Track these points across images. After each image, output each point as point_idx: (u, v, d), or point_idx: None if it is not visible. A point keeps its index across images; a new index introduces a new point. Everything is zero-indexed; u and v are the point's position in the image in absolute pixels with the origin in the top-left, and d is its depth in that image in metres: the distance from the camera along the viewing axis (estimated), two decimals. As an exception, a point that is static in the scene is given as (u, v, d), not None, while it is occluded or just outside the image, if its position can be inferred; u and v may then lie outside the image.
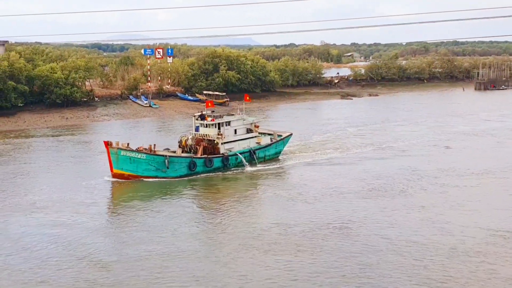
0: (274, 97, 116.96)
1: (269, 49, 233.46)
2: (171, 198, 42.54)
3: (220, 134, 52.34)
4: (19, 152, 60.60)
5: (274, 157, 56.73)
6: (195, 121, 53.77)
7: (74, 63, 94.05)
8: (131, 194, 43.71)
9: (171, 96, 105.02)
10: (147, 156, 47.46)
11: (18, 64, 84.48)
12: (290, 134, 59.92)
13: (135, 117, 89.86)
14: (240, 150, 53.48)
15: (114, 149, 46.92)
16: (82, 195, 43.21)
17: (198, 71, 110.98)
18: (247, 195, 43.63)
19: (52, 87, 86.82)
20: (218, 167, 51.20)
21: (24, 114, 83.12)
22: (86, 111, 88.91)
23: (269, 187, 46.04)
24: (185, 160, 49.18)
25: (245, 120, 55.51)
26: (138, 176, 47.39)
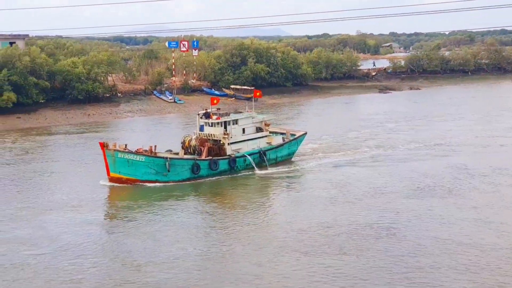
0: (306, 91, 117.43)
1: (300, 40, 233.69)
2: (182, 201, 42.88)
3: (227, 134, 51.08)
4: (43, 149, 63.08)
5: (287, 159, 55.56)
6: (199, 120, 52.77)
7: (96, 57, 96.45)
8: (142, 197, 43.94)
9: (196, 91, 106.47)
10: (146, 158, 46.60)
11: (39, 59, 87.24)
12: (304, 133, 58.78)
13: (159, 113, 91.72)
14: (248, 151, 52.29)
15: (110, 151, 46.32)
16: (100, 195, 45.11)
17: (225, 64, 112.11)
18: (271, 197, 44.42)
19: (74, 82, 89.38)
20: (224, 170, 50.17)
21: (46, 110, 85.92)
22: (109, 107, 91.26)
23: (296, 189, 46.42)
24: (188, 162, 48.20)
25: (254, 118, 54.15)
26: (136, 180, 46.77)
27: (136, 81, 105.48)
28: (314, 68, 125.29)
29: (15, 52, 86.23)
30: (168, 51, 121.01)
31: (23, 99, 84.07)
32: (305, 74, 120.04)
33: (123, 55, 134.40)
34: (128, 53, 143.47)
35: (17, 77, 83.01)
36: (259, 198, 44.41)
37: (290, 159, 55.84)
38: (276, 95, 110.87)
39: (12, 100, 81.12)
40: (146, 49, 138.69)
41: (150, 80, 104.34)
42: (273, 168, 52.60)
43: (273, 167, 52.92)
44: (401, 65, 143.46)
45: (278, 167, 53.01)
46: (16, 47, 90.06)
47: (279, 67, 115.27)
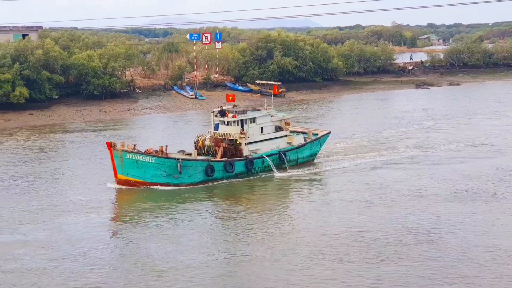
0: (337, 86, 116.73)
1: (331, 32, 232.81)
2: (197, 205, 42.57)
3: (244, 133, 50.48)
4: (58, 148, 63.24)
5: (309, 160, 54.97)
6: (214, 118, 52.35)
7: (113, 50, 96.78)
8: (153, 201, 43.66)
9: (219, 86, 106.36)
10: (156, 159, 46.30)
11: (53, 52, 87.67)
12: (327, 133, 58.10)
13: (179, 110, 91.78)
14: (267, 151, 51.82)
15: (118, 152, 46.02)
16: (108, 198, 45.14)
17: (250, 58, 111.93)
18: (296, 200, 43.91)
19: (89, 77, 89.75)
20: (241, 172, 49.65)
21: (59, 107, 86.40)
22: (126, 103, 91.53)
23: (324, 191, 45.96)
24: (201, 164, 47.76)
25: (274, 116, 53.52)
26: (146, 182, 46.51)
27: (155, 76, 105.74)
28: (345, 62, 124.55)
29: (27, 45, 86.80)
30: (189, 44, 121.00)
31: (35, 95, 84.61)
32: (336, 68, 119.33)
33: (141, 48, 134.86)
34: (147, 46, 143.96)
35: (29, 72, 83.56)
36: (282, 201, 44.03)
37: (312, 161, 55.31)
38: (305, 91, 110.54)
39: (25, 96, 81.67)
40: (166, 41, 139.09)
41: (170, 74, 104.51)
42: (293, 170, 52.07)
43: (294, 169, 52.44)
44: (439, 59, 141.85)
45: (299, 169, 52.47)
46: (29, 39, 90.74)
47: (308, 60, 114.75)
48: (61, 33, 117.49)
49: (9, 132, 73.18)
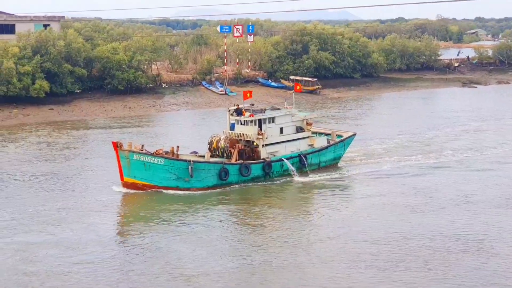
0: (377, 84, 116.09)
1: (371, 25, 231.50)
2: (215, 210, 42.34)
3: (261, 134, 49.95)
4: (82, 145, 63.78)
5: (332, 164, 54.47)
6: (229, 117, 51.80)
7: (139, 43, 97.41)
8: (167, 205, 43.54)
9: (251, 82, 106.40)
10: (166, 161, 45.99)
11: (76, 44, 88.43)
12: (353, 134, 57.51)
13: (208, 106, 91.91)
14: (287, 154, 51.24)
15: (125, 152, 45.72)
16: (115, 201, 45.27)
17: (284, 52, 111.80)
18: (326, 205, 43.46)
19: (114, 70, 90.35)
20: (258, 176, 49.22)
21: (82, 102, 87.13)
22: (152, 99, 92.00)
23: (358, 196, 45.53)
24: (215, 166, 47.43)
25: (294, 116, 52.85)
26: (154, 186, 46.22)
27: (183, 70, 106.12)
28: (386, 57, 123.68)
29: (49, 36, 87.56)
30: (219, 37, 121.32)
31: (56, 89, 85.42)
32: (376, 64, 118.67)
33: (169, 40, 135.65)
34: (175, 39, 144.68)
35: (50, 64, 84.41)
36: (311, 206, 43.82)
37: (335, 164, 54.81)
38: (342, 88, 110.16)
39: (45, 90, 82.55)
40: (194, 34, 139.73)
41: (198, 69, 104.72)
42: (315, 175, 51.50)
43: (316, 173, 51.86)
44: (488, 56, 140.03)
45: (322, 173, 51.88)
46: (51, 30, 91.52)
47: (346, 55, 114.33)
48: (84, 24, 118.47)
49: (28, 127, 73.96)
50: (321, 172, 52.34)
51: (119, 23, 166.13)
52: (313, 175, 51.36)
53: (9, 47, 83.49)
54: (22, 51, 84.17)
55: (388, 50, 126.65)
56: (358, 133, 60.67)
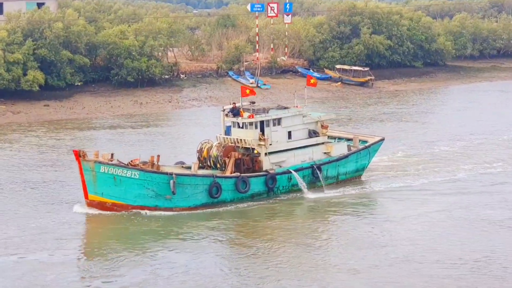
0: (442, 74, 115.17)
1: (436, 3, 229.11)
2: (204, 239, 40.68)
3: (264, 139, 47.91)
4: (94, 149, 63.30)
5: (354, 176, 52.96)
6: (224, 118, 49.88)
7: (153, 25, 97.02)
8: (142, 230, 42.16)
9: (288, 71, 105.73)
10: (141, 174, 44.28)
11: (76, 27, 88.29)
12: (380, 140, 55.59)
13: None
14: (296, 164, 49.45)
15: (89, 163, 44.12)
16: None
17: (329, 36, 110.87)
18: (350, 228, 42.57)
19: (122, 58, 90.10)
20: (259, 192, 47.69)
21: (83, 96, 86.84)
22: (168, 93, 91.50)
23: (413, 211, 44.87)
24: (203, 180, 45.81)
25: (306, 117, 50.96)
26: (127, 205, 44.60)
27: (206, 58, 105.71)
28: (455, 41, 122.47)
29: (44, 16, 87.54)
30: (250, 17, 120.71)
31: (53, 81, 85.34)
32: (441, 50, 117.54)
33: (188, 22, 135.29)
34: (196, 20, 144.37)
35: (46, 51, 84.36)
36: (329, 230, 42.57)
37: (358, 177, 53.29)
38: (400, 79, 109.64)
39: (39, 82, 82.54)
40: (220, 14, 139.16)
41: (224, 56, 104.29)
42: (332, 190, 49.88)
43: (333, 189, 50.22)
44: None
45: (340, 188, 50.44)
46: (46, 10, 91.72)
47: (404, 39, 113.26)
48: (86, 2, 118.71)
49: (18, 128, 73.93)
50: (339, 186, 50.79)
51: (128, 2, 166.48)
52: (329, 190, 49.65)
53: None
54: (11, 35, 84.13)
55: (457, 33, 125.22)
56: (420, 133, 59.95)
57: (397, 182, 51.72)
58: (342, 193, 49.54)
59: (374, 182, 52.29)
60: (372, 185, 51.65)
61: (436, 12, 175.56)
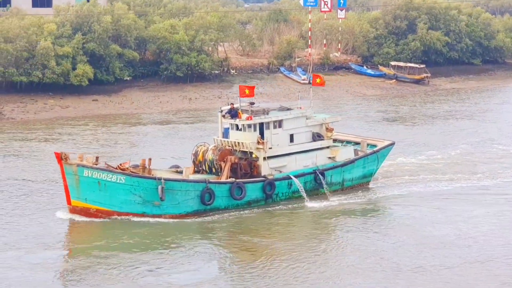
0: (502, 72, 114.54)
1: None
2: (194, 250, 38.18)
3: (262, 143, 45.92)
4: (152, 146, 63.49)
5: (361, 183, 50.80)
6: (221, 120, 48.02)
7: (203, 19, 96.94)
8: (126, 239, 40.23)
9: (341, 68, 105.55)
10: (127, 179, 42.56)
11: (126, 20, 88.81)
12: (390, 144, 53.27)
13: (287, 98, 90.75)
14: (298, 169, 47.44)
15: (72, 167, 42.47)
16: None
17: (384, 31, 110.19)
18: (355, 240, 40.07)
19: (172, 53, 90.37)
20: (256, 199, 45.71)
21: (132, 91, 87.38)
22: (218, 88, 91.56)
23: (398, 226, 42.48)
24: (195, 186, 43.85)
25: (310, 119, 48.77)
26: (112, 212, 42.95)
27: (257, 53, 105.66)
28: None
29: (93, 10, 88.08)
30: (302, 12, 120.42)
31: (102, 75, 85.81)
32: (501, 47, 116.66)
33: (239, 16, 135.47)
34: (247, 14, 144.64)
35: (95, 45, 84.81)
36: (332, 241, 40.42)
37: (366, 184, 51.15)
38: (457, 77, 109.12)
39: (88, 76, 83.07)
40: (271, 8, 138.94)
41: (276, 52, 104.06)
42: (336, 198, 47.68)
43: (337, 196, 48.07)
44: None
45: (345, 196, 48.39)
46: (95, 3, 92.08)
47: (463, 36, 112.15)
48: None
49: (67, 122, 74.62)
50: (344, 193, 48.81)
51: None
52: (334, 198, 47.43)
53: (44, 24, 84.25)
54: (60, 28, 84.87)
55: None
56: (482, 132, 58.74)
57: (414, 186, 50.02)
58: (347, 200, 47.53)
59: (385, 188, 50.34)
60: (382, 191, 49.67)
61: (496, 8, 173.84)
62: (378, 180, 51.84)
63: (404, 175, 52.84)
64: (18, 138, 66.37)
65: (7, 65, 79.59)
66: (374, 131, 69.46)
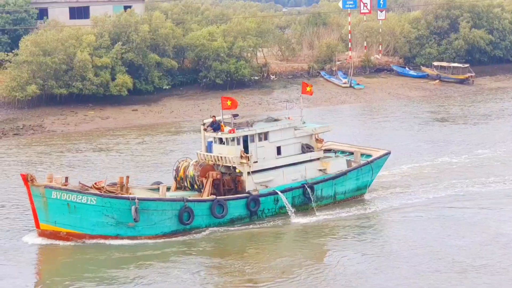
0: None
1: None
2: (169, 274, 36.86)
3: (246, 157, 44.24)
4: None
5: (354, 196, 49.08)
6: (204, 133, 46.75)
7: (241, 25, 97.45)
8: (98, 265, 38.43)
9: (382, 70, 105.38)
10: (98, 199, 40.81)
11: (164, 29, 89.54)
12: (386, 153, 51.56)
13: (328, 103, 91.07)
14: (285, 184, 45.71)
15: (39, 189, 40.79)
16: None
17: (426, 31, 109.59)
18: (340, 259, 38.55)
19: (210, 61, 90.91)
20: (240, 216, 44.02)
21: (171, 100, 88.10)
22: (258, 94, 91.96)
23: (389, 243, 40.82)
24: (172, 205, 42.05)
25: (299, 130, 47.15)
26: (84, 235, 41.23)
27: (296, 58, 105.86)
28: None
29: (130, 19, 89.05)
30: (342, 14, 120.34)
31: (141, 85, 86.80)
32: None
33: (278, 21, 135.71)
34: (285, 19, 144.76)
35: (133, 55, 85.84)
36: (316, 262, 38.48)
37: (360, 196, 49.47)
38: (502, 76, 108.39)
39: (128, 86, 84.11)
40: (310, 12, 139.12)
41: (315, 56, 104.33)
42: (324, 212, 45.84)
43: (326, 210, 46.23)
44: None
45: (334, 210, 46.51)
46: (132, 13, 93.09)
47: (507, 33, 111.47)
48: (173, 4, 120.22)
49: (108, 133, 75.35)
50: (335, 208, 46.91)
51: (216, 2, 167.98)
52: (321, 212, 45.68)
53: (82, 35, 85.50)
54: (98, 39, 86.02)
55: None
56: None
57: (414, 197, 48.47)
58: (334, 215, 45.53)
59: (379, 200, 48.64)
60: (375, 204, 47.89)
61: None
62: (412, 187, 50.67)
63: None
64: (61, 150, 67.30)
65: (46, 78, 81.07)
66: (424, 132, 70.37)
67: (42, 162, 62.08)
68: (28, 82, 79.92)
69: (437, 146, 64.16)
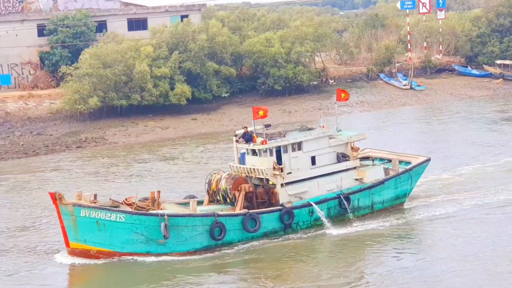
0: None
1: None
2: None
3: (278, 168, 43.20)
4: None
5: (394, 205, 47.83)
6: (236, 145, 45.58)
7: (298, 31, 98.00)
8: None
9: (444, 71, 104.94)
10: (128, 217, 40.52)
11: (221, 37, 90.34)
12: (426, 160, 50.06)
13: (389, 105, 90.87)
14: (321, 195, 44.73)
15: (67, 207, 40.63)
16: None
17: (488, 30, 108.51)
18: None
19: (268, 67, 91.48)
20: (273, 230, 43.17)
21: (230, 107, 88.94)
22: (317, 100, 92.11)
23: None
24: (203, 220, 41.40)
25: (334, 139, 46.00)
26: (114, 253, 41.09)
27: (355, 61, 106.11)
28: None
29: (187, 29, 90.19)
30: (400, 15, 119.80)
31: (199, 94, 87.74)
32: None
33: (335, 25, 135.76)
34: (343, 22, 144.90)
35: (191, 64, 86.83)
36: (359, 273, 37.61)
37: (400, 205, 48.30)
38: None
39: (187, 96, 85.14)
40: (368, 14, 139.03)
41: (374, 58, 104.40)
42: (362, 223, 45.01)
43: (364, 221, 45.37)
44: None
45: (373, 220, 45.48)
46: (189, 22, 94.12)
47: None
48: (230, 12, 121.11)
49: (166, 143, 76.00)
50: (373, 218, 45.94)
51: (273, 8, 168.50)
52: (358, 223, 44.79)
53: (141, 46, 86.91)
54: (157, 50, 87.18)
55: None
56: None
57: None
58: (374, 225, 44.60)
59: (419, 209, 47.42)
60: (415, 213, 46.65)
61: None
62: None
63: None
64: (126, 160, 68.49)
65: (107, 90, 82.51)
66: (496, 132, 70.06)
67: (109, 173, 63.46)
68: (90, 94, 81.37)
69: (504, 147, 63.61)
